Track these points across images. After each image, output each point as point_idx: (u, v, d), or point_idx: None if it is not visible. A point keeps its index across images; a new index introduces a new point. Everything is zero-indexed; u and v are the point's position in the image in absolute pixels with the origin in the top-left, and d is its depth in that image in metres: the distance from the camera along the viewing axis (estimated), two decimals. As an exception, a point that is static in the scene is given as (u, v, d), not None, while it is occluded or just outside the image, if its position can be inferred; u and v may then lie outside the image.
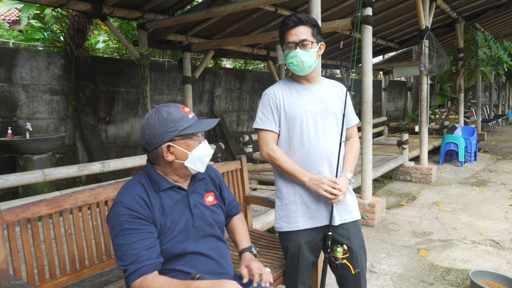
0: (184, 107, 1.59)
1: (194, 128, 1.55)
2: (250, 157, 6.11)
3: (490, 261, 3.60)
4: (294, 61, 2.00)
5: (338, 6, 6.58)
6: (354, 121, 2.19)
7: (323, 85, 2.13)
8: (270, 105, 2.08)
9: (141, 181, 1.59)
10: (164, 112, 1.53)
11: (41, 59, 6.05)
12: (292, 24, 2.00)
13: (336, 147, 2.04)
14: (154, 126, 1.52)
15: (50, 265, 1.88)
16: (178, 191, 1.62)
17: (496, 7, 9.02)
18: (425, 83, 6.96)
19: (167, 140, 1.52)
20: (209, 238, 1.66)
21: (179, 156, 1.55)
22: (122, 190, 1.57)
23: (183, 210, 1.61)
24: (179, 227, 1.57)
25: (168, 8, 5.86)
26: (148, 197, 1.55)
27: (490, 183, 6.60)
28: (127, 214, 1.48)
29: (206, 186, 1.74)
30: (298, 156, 2.05)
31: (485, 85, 19.16)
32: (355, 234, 2.11)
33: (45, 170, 3.62)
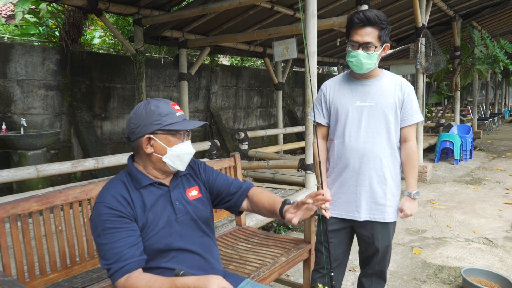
0: (174, 105, 1.60)
1: (178, 126, 1.55)
2: (246, 154, 6.11)
3: (483, 259, 3.62)
4: (354, 61, 1.99)
5: (335, 3, 6.56)
6: (412, 120, 2.08)
7: (380, 81, 2.09)
8: (320, 99, 2.18)
9: (122, 179, 1.59)
10: (153, 105, 1.54)
11: (36, 54, 6.01)
12: (360, 23, 1.95)
13: (379, 147, 2.05)
14: (141, 116, 1.53)
15: (40, 261, 1.88)
16: (160, 187, 1.61)
17: (493, 5, 9.02)
18: (421, 81, 6.97)
19: (149, 132, 1.52)
20: (195, 234, 1.64)
21: (158, 150, 1.54)
22: (103, 190, 1.56)
23: (165, 205, 1.59)
24: (162, 223, 1.56)
25: (164, 4, 5.83)
26: (129, 194, 1.54)
27: (485, 181, 6.63)
28: (108, 213, 1.47)
29: (188, 181, 1.72)
30: (338, 150, 2.11)
31: (482, 84, 19.22)
32: (382, 233, 2.13)
33: (39, 166, 3.61)
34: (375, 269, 2.23)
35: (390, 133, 2.06)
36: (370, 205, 2.08)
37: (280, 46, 5.75)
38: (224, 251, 2.54)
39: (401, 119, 2.09)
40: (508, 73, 17.54)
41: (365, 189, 2.07)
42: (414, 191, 2.12)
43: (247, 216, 3.38)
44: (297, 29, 5.06)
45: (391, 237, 2.20)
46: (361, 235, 2.19)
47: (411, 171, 2.14)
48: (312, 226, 2.63)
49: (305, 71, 4.04)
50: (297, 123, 11.05)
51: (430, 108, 13.65)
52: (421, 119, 2.14)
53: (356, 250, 2.35)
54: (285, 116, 11.09)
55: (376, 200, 2.08)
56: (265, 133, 7.78)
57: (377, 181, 2.07)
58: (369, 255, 2.21)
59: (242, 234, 2.82)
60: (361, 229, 2.16)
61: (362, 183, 2.07)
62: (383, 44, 2.00)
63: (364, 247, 2.22)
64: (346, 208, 2.11)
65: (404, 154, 2.13)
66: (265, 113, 10.96)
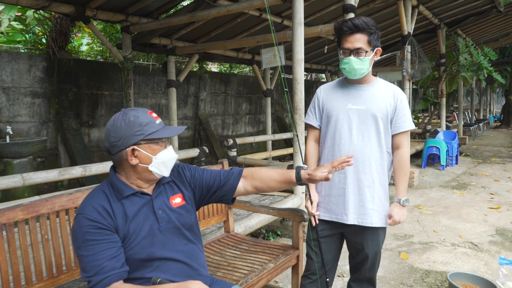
0: (152, 113, 1.58)
1: (160, 134, 1.55)
2: (235, 161, 6.11)
3: (469, 263, 3.67)
4: (347, 68, 2.04)
5: (322, 11, 6.64)
6: (405, 127, 2.11)
7: (374, 87, 2.13)
8: (314, 102, 2.24)
9: (104, 189, 1.57)
10: (132, 116, 1.52)
11: (22, 61, 5.96)
12: (348, 31, 2.00)
13: (369, 150, 2.07)
14: (120, 129, 1.51)
15: (26, 271, 1.86)
16: (142, 197, 1.60)
17: (476, 14, 9.21)
18: (408, 88, 7.07)
19: (133, 144, 1.51)
20: (179, 242, 1.63)
21: (143, 160, 1.54)
22: (84, 201, 1.55)
23: (147, 215, 1.58)
24: (144, 232, 1.55)
25: (152, 12, 5.84)
26: (110, 205, 1.53)
27: (471, 187, 6.72)
28: (89, 225, 1.46)
29: (172, 188, 1.70)
30: (328, 152, 2.15)
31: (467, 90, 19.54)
32: (371, 240, 2.14)
33: (25, 175, 3.57)
34: (365, 275, 2.25)
35: (380, 137, 2.09)
36: (358, 209, 2.10)
37: (268, 53, 5.80)
38: (212, 258, 2.54)
39: (394, 126, 2.11)
40: (492, 80, 17.88)
41: (354, 192, 2.09)
42: (404, 198, 2.13)
43: (236, 223, 3.38)
44: (285, 36, 5.11)
45: (381, 244, 2.20)
46: (351, 241, 2.21)
47: (402, 178, 2.16)
48: (300, 232, 2.65)
49: (293, 78, 4.08)
50: (286, 130, 11.10)
51: (417, 114, 13.81)
52: (413, 127, 2.18)
53: (345, 256, 2.37)
54: (273, 123, 11.13)
55: (364, 203, 2.09)
56: (253, 140, 7.80)
57: (366, 184, 2.09)
58: (359, 261, 2.23)
59: (231, 241, 2.82)
60: (351, 235, 2.18)
61: (350, 186, 2.09)
62: (374, 49, 2.05)
63: (354, 253, 2.24)
64: (336, 211, 2.13)
65: (396, 161, 2.16)
66: (254, 120, 10.99)
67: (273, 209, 2.85)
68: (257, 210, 2.95)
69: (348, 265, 2.39)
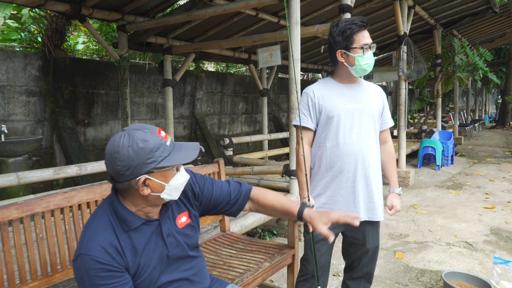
0: (160, 131, 1.40)
1: (174, 159, 1.38)
2: (231, 160, 6.11)
3: (463, 262, 3.68)
4: (370, 62, 2.06)
5: (318, 11, 6.65)
6: (390, 123, 2.28)
7: (363, 86, 2.20)
8: (308, 103, 2.17)
9: (108, 218, 1.41)
10: (139, 141, 1.33)
11: (17, 60, 5.93)
12: (362, 27, 2.04)
13: (371, 147, 2.13)
14: (128, 157, 1.32)
15: (20, 270, 1.85)
16: (150, 224, 1.47)
17: (472, 15, 9.25)
18: (404, 88, 7.09)
19: (144, 173, 1.35)
20: (184, 262, 1.56)
21: (155, 189, 1.39)
22: (88, 236, 1.37)
23: (157, 242, 1.48)
24: (154, 263, 1.46)
25: (148, 10, 5.82)
26: (118, 240, 1.38)
27: (466, 186, 6.75)
28: (97, 268, 1.31)
29: (178, 207, 1.59)
30: (332, 152, 2.12)
31: (463, 91, 19.61)
32: (372, 234, 2.20)
33: (20, 173, 3.55)
34: (363, 271, 2.27)
35: (376, 134, 2.18)
36: (368, 205, 2.14)
37: (265, 53, 5.79)
38: (208, 257, 2.54)
39: (381, 122, 2.24)
40: (487, 81, 17.97)
41: (363, 189, 2.12)
42: (399, 188, 2.27)
43: (232, 222, 3.38)
44: (282, 36, 5.10)
45: (379, 238, 2.27)
46: (351, 238, 2.22)
47: (393, 169, 2.30)
48: (296, 231, 2.65)
49: (289, 78, 4.08)
50: (282, 129, 11.10)
51: (413, 114, 13.86)
52: (393, 123, 2.34)
53: (340, 255, 2.37)
54: (270, 122, 11.13)
55: (373, 199, 2.15)
56: (250, 139, 7.79)
57: (373, 180, 2.14)
58: (357, 257, 2.25)
59: (226, 240, 2.82)
60: (352, 232, 2.20)
61: (359, 184, 2.12)
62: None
63: (353, 250, 2.25)
64: (345, 210, 2.13)
65: (385, 154, 2.27)
66: (250, 119, 10.98)
67: (269, 208, 2.85)
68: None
69: (343, 265, 2.40)
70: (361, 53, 2.03)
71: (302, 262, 2.28)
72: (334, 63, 2.16)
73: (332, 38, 2.10)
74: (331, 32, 2.11)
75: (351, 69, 2.08)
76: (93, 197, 2.14)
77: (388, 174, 2.29)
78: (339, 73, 2.16)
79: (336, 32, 2.08)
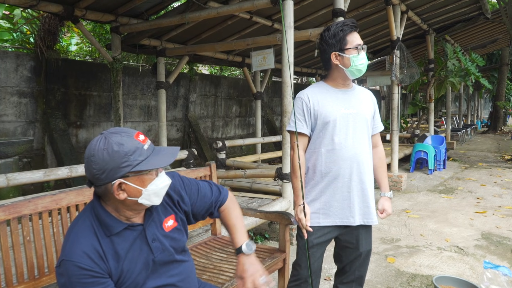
0: (139, 135, 1.38)
1: (150, 163, 1.35)
2: (223, 163, 6.10)
3: (454, 266, 3.69)
4: (364, 62, 2.07)
5: (312, 15, 6.67)
6: (380, 128, 2.30)
7: (355, 91, 2.20)
8: (303, 108, 2.14)
9: (91, 222, 1.39)
10: (115, 144, 1.31)
11: (9, 60, 5.89)
12: (354, 28, 2.06)
13: (365, 152, 2.14)
14: (103, 160, 1.31)
15: (6, 272, 1.82)
16: (133, 229, 1.44)
17: (464, 20, 9.34)
18: (396, 93, 7.13)
19: (119, 177, 1.32)
20: (171, 267, 1.54)
21: (132, 194, 1.36)
22: (70, 241, 1.35)
23: (141, 247, 1.45)
24: (138, 268, 1.43)
25: (142, 13, 5.80)
26: (100, 244, 1.36)
27: (458, 191, 6.79)
28: (80, 274, 1.29)
29: (164, 210, 1.56)
30: (327, 157, 2.11)
31: (455, 96, 19.76)
32: (365, 238, 2.21)
33: (9, 175, 3.51)
34: (355, 275, 2.26)
35: (370, 138, 2.20)
36: (363, 210, 2.15)
37: (258, 56, 5.79)
38: (198, 260, 2.52)
39: (373, 127, 2.25)
40: (479, 86, 18.12)
41: (358, 194, 2.13)
42: (390, 192, 2.30)
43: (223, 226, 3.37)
44: (275, 39, 5.11)
45: (371, 241, 2.28)
46: (344, 242, 2.21)
47: (385, 173, 2.33)
48: (287, 235, 2.64)
49: (282, 81, 4.08)
50: (276, 133, 11.11)
51: (406, 119, 13.93)
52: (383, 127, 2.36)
53: (332, 259, 2.37)
54: (263, 126, 11.13)
55: (368, 203, 2.16)
56: (243, 142, 7.79)
57: (367, 185, 2.15)
58: (350, 261, 2.24)
59: (217, 244, 2.81)
60: (346, 236, 2.19)
61: (354, 189, 2.12)
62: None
63: (346, 254, 2.24)
64: (340, 215, 2.13)
65: (377, 159, 2.29)
66: (243, 123, 10.98)
67: (261, 212, 2.85)
68: (244, 213, 2.93)
69: (335, 269, 2.39)
70: (356, 54, 2.03)
71: (295, 266, 2.27)
72: (327, 68, 2.16)
73: (325, 42, 2.09)
74: (323, 36, 2.10)
75: (346, 71, 2.07)
76: (82, 199, 2.12)
77: (379, 178, 2.31)
78: (333, 77, 2.15)
79: (329, 36, 2.07)
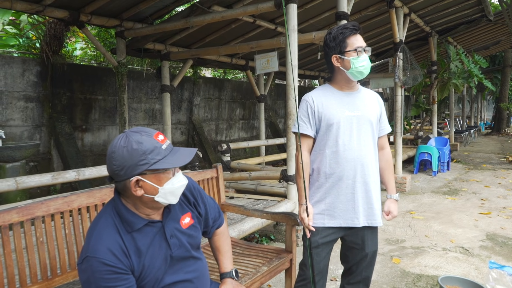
0: (158, 135, 1.43)
1: (167, 162, 1.40)
2: (228, 166, 6.13)
3: (459, 267, 3.71)
4: (366, 64, 2.09)
5: (315, 18, 6.71)
6: (387, 130, 2.31)
7: (361, 93, 2.23)
8: (307, 110, 2.18)
9: (113, 220, 1.45)
10: (134, 142, 1.38)
11: (16, 65, 5.96)
12: (354, 31, 2.09)
13: (369, 154, 2.16)
14: (123, 157, 1.37)
15: (20, 273, 1.86)
16: (153, 225, 1.50)
17: (467, 22, 9.36)
18: (400, 95, 7.15)
19: (136, 174, 1.38)
20: (188, 263, 1.60)
21: (149, 191, 1.42)
22: (94, 238, 1.40)
23: (160, 244, 1.51)
24: (158, 264, 1.49)
25: (147, 17, 5.86)
26: (123, 241, 1.42)
27: (462, 192, 6.80)
28: (104, 270, 1.34)
29: (181, 208, 1.63)
30: (332, 159, 2.13)
31: (458, 97, 19.73)
32: (371, 239, 2.23)
33: (18, 178, 3.55)
34: (362, 275, 2.28)
35: (375, 140, 2.21)
36: (367, 211, 2.16)
37: (262, 59, 5.84)
38: (206, 261, 2.55)
39: (380, 129, 2.27)
40: (482, 88, 18.10)
41: (362, 195, 2.15)
42: (397, 194, 2.30)
43: (230, 227, 3.40)
44: (279, 42, 5.15)
45: (377, 242, 2.30)
46: (350, 243, 2.24)
47: (391, 175, 2.33)
48: (294, 236, 2.67)
49: (286, 84, 4.12)
50: (279, 135, 11.15)
51: (409, 121, 13.94)
52: (390, 129, 2.37)
53: (338, 260, 2.39)
54: (267, 128, 11.17)
55: (372, 205, 2.17)
56: (247, 145, 7.82)
57: (372, 187, 2.17)
58: (356, 261, 2.26)
59: (224, 245, 2.83)
60: (352, 237, 2.21)
61: (358, 190, 2.14)
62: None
63: (352, 255, 2.26)
64: (345, 216, 2.15)
65: (384, 161, 2.30)
66: (247, 125, 11.02)
67: (267, 213, 2.88)
68: (251, 214, 2.97)
69: (340, 269, 2.42)
70: (356, 56, 2.06)
71: (301, 266, 2.30)
72: (331, 70, 2.20)
73: (327, 46, 2.15)
74: (325, 40, 2.15)
75: (347, 73, 2.11)
76: (93, 201, 2.16)
77: (385, 180, 2.33)
78: (337, 80, 2.19)
79: (330, 39, 2.13)
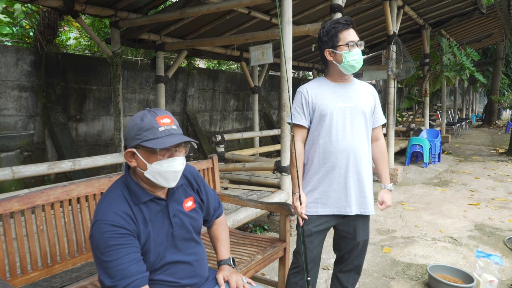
0: (163, 117, 1.51)
1: (156, 143, 1.46)
2: (222, 157, 6.18)
3: (448, 256, 3.81)
4: (357, 58, 2.13)
5: (310, 10, 6.73)
6: (382, 121, 2.35)
7: (355, 85, 2.27)
8: (302, 101, 2.23)
9: (122, 193, 1.55)
10: (139, 118, 1.50)
11: (9, 54, 5.92)
12: (347, 26, 2.13)
13: (362, 144, 2.21)
14: (129, 128, 1.51)
15: (21, 260, 1.91)
16: (158, 202, 1.60)
17: (460, 15, 9.43)
18: (392, 87, 7.22)
19: (132, 146, 1.50)
20: (188, 245, 1.67)
21: (139, 165, 1.52)
22: (103, 206, 1.50)
23: (163, 220, 1.60)
24: (160, 239, 1.57)
25: (141, 7, 5.85)
26: (132, 210, 1.51)
27: (452, 184, 6.91)
28: (111, 230, 1.43)
29: (185, 192, 1.72)
30: (325, 149, 2.19)
31: (450, 90, 19.88)
32: (363, 228, 2.29)
33: (14, 168, 3.58)
34: (354, 263, 2.36)
35: (368, 131, 2.26)
36: (359, 200, 2.22)
37: (257, 51, 5.85)
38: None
39: (373, 120, 2.32)
40: (474, 80, 18.24)
41: (354, 184, 2.20)
42: (390, 184, 2.36)
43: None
44: (273, 34, 5.18)
45: (369, 231, 2.37)
46: (342, 232, 2.30)
47: (385, 166, 2.39)
48: (287, 225, 2.73)
49: (281, 76, 4.16)
50: (273, 126, 11.20)
51: (401, 113, 14.05)
52: (385, 120, 2.42)
53: (330, 249, 2.46)
54: (261, 119, 11.21)
55: (364, 194, 2.23)
56: (241, 136, 7.87)
57: (364, 176, 2.22)
58: (348, 250, 2.33)
59: (220, 234, 2.89)
60: (344, 226, 2.28)
61: (351, 179, 2.19)
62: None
63: (344, 243, 2.33)
64: (337, 205, 2.21)
65: (378, 152, 2.37)
66: (241, 116, 11.05)
67: (261, 203, 2.94)
68: (245, 204, 3.03)
69: (332, 259, 2.49)
70: (347, 50, 2.11)
71: (295, 254, 2.36)
72: (325, 64, 2.25)
73: (320, 40, 2.20)
74: (319, 34, 2.21)
75: (340, 66, 2.16)
76: (92, 190, 2.20)
77: (380, 171, 2.38)
78: (330, 72, 2.25)
79: (323, 33, 2.18)
